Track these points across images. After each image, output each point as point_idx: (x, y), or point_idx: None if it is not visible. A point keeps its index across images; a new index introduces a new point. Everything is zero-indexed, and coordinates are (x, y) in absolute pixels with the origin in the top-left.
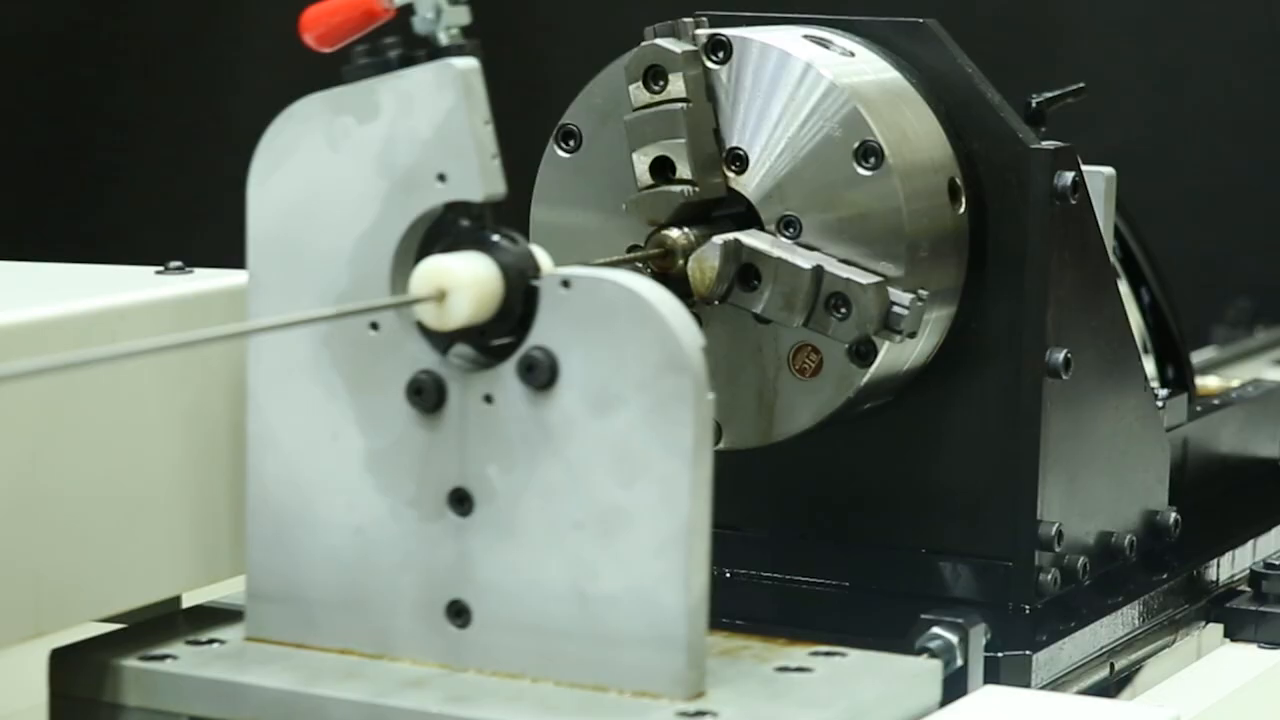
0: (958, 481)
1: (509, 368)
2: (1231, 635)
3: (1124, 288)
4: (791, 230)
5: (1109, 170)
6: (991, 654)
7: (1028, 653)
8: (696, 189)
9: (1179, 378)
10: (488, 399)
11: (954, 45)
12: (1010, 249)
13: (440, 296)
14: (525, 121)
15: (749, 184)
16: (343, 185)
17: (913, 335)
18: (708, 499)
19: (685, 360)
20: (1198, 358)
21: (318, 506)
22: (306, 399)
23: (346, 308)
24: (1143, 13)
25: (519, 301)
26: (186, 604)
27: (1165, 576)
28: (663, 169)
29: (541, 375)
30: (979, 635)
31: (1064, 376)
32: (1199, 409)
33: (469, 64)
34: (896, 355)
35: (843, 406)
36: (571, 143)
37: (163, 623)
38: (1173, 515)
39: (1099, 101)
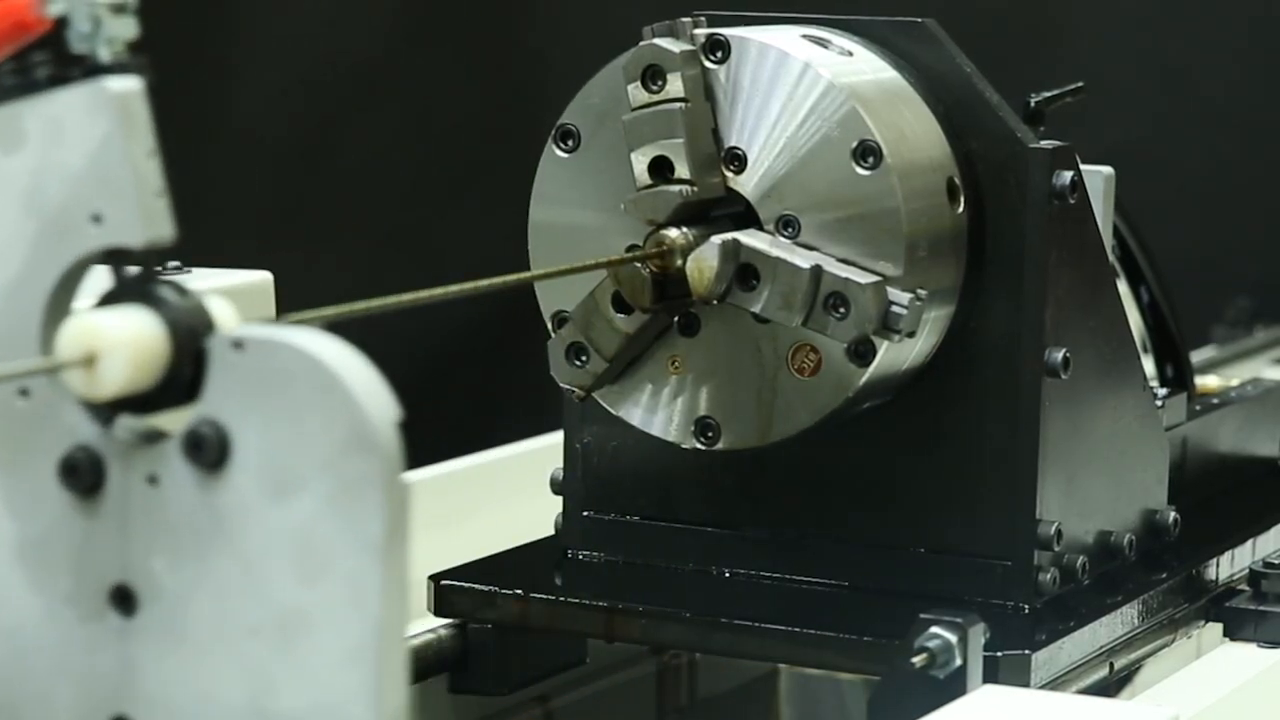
0: (956, 481)
1: (175, 444)
2: (1231, 634)
3: (1123, 287)
4: (790, 230)
5: (1108, 169)
6: (990, 653)
7: (1027, 652)
8: (695, 189)
9: (1178, 377)
10: (152, 480)
11: (952, 45)
12: (1009, 248)
13: (89, 360)
14: (524, 121)
15: (747, 184)
16: None
17: (911, 335)
18: (403, 600)
19: (373, 438)
20: (1197, 357)
21: None
22: None
23: None
24: (1142, 12)
25: (187, 366)
26: None
27: (1164, 576)
28: (661, 169)
29: (210, 453)
30: (978, 635)
31: (1063, 376)
32: (1198, 408)
33: (129, 85)
34: (895, 355)
35: (842, 406)
36: (570, 142)
37: None
38: (1172, 514)
39: (1098, 101)
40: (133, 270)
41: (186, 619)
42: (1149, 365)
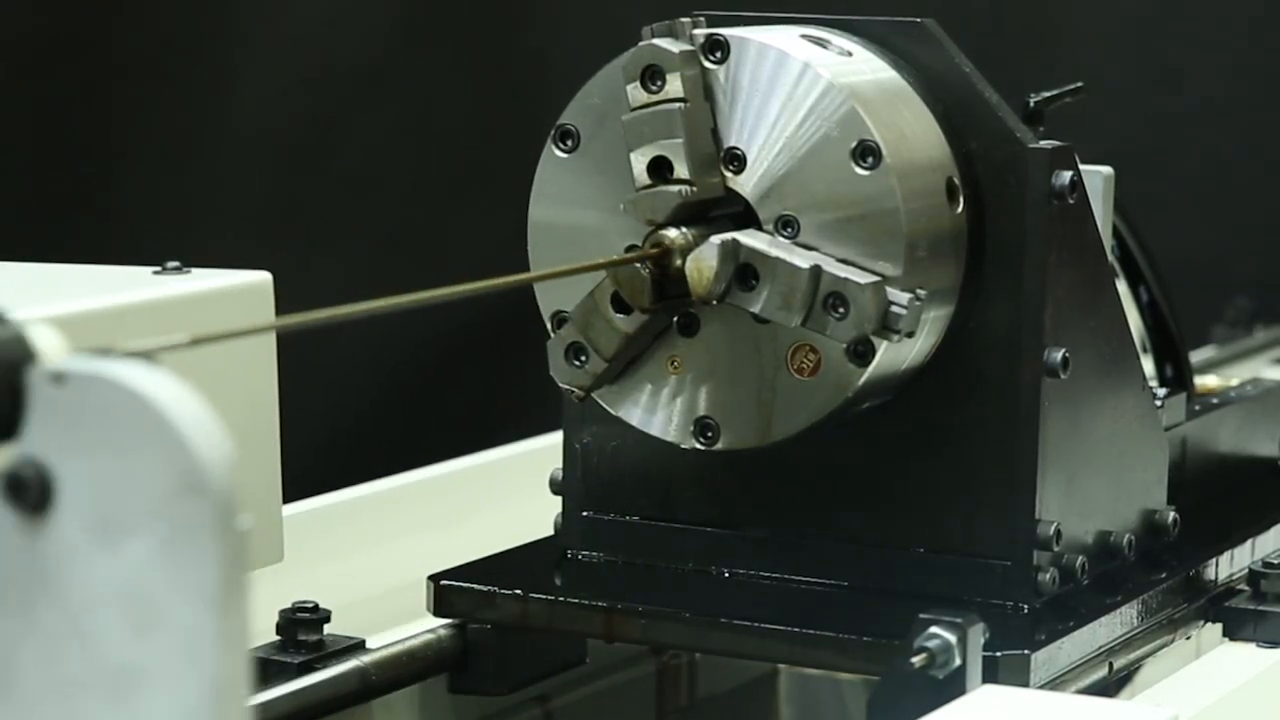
0: (956, 481)
1: None
2: (1230, 634)
3: (1122, 287)
4: (789, 230)
5: (1107, 169)
6: (990, 653)
7: (1026, 652)
8: (694, 189)
9: (1178, 377)
10: None
11: (952, 45)
12: (1008, 248)
13: None
14: (524, 121)
15: (747, 184)
16: None
17: (911, 335)
18: (242, 654)
19: (203, 482)
20: (1197, 357)
21: None
22: None
23: None
24: (1142, 12)
25: (5, 401)
26: None
27: (1164, 576)
28: (660, 169)
29: (32, 496)
30: (977, 635)
31: (1062, 376)
32: (1198, 408)
33: None
34: (895, 355)
35: (841, 406)
36: (569, 143)
37: None
38: (1171, 514)
39: (1098, 101)
40: None
41: (13, 673)
42: (1149, 365)
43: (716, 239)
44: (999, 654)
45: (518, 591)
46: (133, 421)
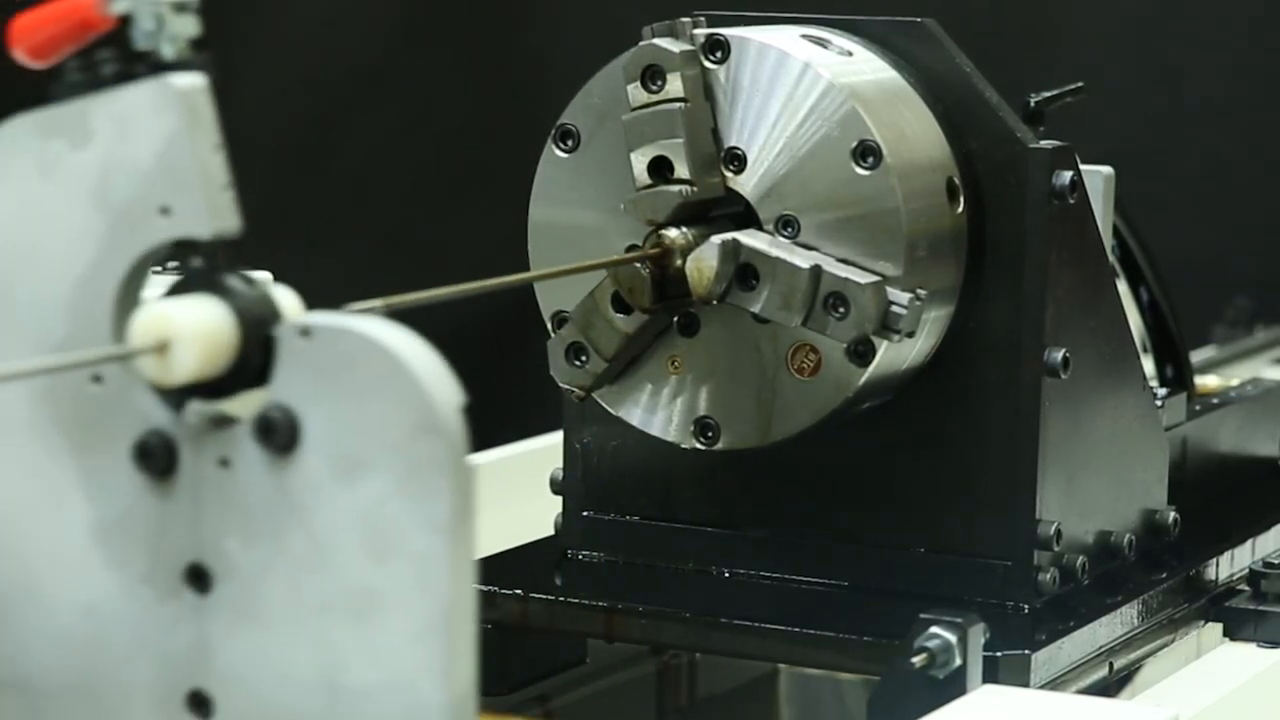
0: (956, 481)
1: (246, 429)
2: (1231, 634)
3: (1123, 287)
4: (790, 230)
5: (1108, 169)
6: (990, 653)
7: (1026, 652)
8: (695, 189)
9: (1178, 377)
10: (224, 463)
11: (952, 44)
12: (1009, 248)
13: (162, 348)
14: (524, 121)
15: (747, 183)
16: (57, 220)
17: (911, 335)
18: (470, 579)
19: (439, 422)
20: (1197, 357)
21: (43, 583)
22: (26, 462)
23: (55, 359)
24: (1142, 12)
25: (256, 353)
26: None
27: (1164, 576)
28: (661, 169)
29: (281, 437)
30: (978, 635)
31: (1062, 376)
32: (1198, 408)
33: (194, 82)
34: (895, 355)
35: (841, 406)
36: (570, 142)
37: None
38: (1172, 514)
39: (1098, 100)
40: (201, 261)
41: (260, 597)
42: (1149, 365)
43: (717, 239)
44: (999, 654)
45: (518, 591)
46: (374, 369)
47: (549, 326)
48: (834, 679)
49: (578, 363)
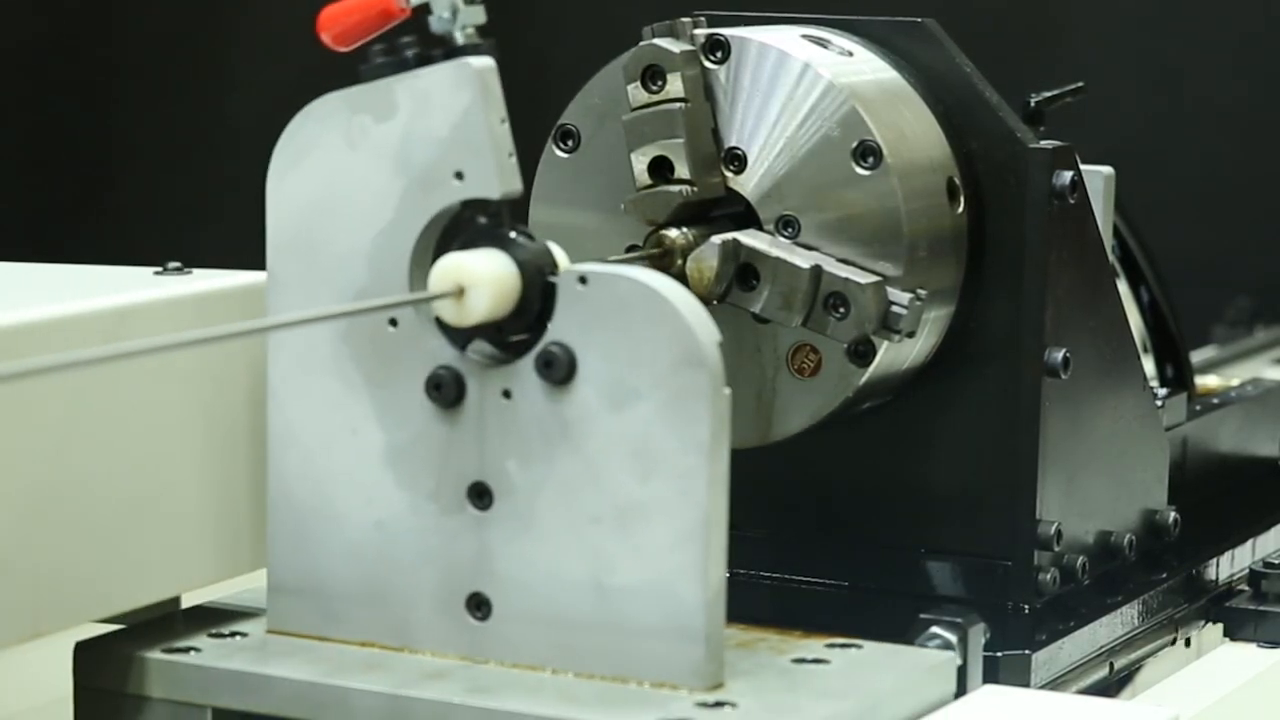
0: (957, 481)
1: (527, 363)
2: (1231, 635)
3: (1123, 287)
4: (790, 230)
5: (1108, 169)
6: (990, 653)
7: (1027, 652)
8: (695, 189)
9: (1178, 377)
10: (506, 394)
11: (952, 45)
12: (1009, 248)
13: (459, 293)
14: (525, 121)
15: (747, 184)
16: (361, 183)
17: (911, 335)
18: (724, 493)
19: (701, 355)
20: (1197, 357)
21: (338, 501)
22: (326, 395)
23: (366, 304)
24: (1142, 12)
25: (537, 298)
26: (206, 598)
27: (1164, 576)
28: (661, 169)
29: (559, 371)
30: (978, 635)
31: (1063, 376)
32: (1198, 408)
33: (485, 63)
34: (895, 355)
35: (841, 406)
36: (570, 143)
37: (183, 616)
38: (1172, 514)
39: (1098, 101)
40: (487, 219)
41: (535, 511)
42: (1149, 365)
43: (717, 239)
44: (1000, 654)
45: None
46: (644, 309)
47: None
48: None
49: None
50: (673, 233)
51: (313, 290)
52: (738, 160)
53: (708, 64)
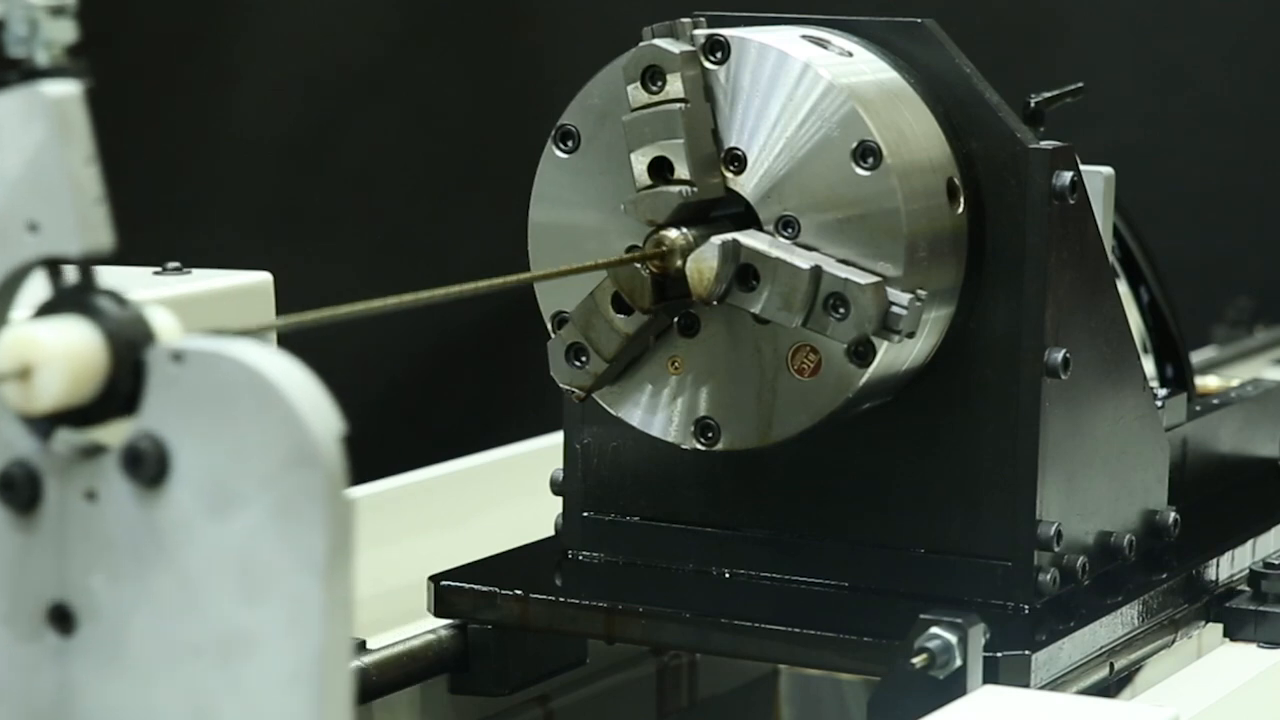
0: (957, 481)
1: (113, 459)
2: (1231, 635)
3: (1123, 287)
4: (790, 230)
5: (1108, 170)
6: (990, 654)
7: (1027, 653)
8: (695, 189)
9: (1178, 377)
10: (90, 496)
11: (952, 45)
12: (1009, 249)
13: (25, 372)
14: (524, 121)
15: (747, 184)
16: None
17: (911, 335)
18: (347, 620)
19: (315, 453)
20: (1197, 357)
21: None
22: None
23: None
24: (1142, 12)
25: (127, 378)
26: None
27: (1165, 576)
28: (661, 169)
29: (149, 469)
30: (978, 635)
31: (1063, 376)
32: (1198, 408)
33: (67, 90)
34: (895, 355)
35: (841, 406)
36: (570, 143)
37: None
38: (1172, 515)
39: (1098, 101)
40: (71, 280)
41: (126, 638)
42: (1149, 365)
43: (717, 239)
44: (1000, 654)
45: (518, 592)
46: (247, 396)
47: (549, 327)
48: (834, 679)
49: (578, 363)
50: (673, 233)
51: None
52: (737, 161)
53: (707, 64)
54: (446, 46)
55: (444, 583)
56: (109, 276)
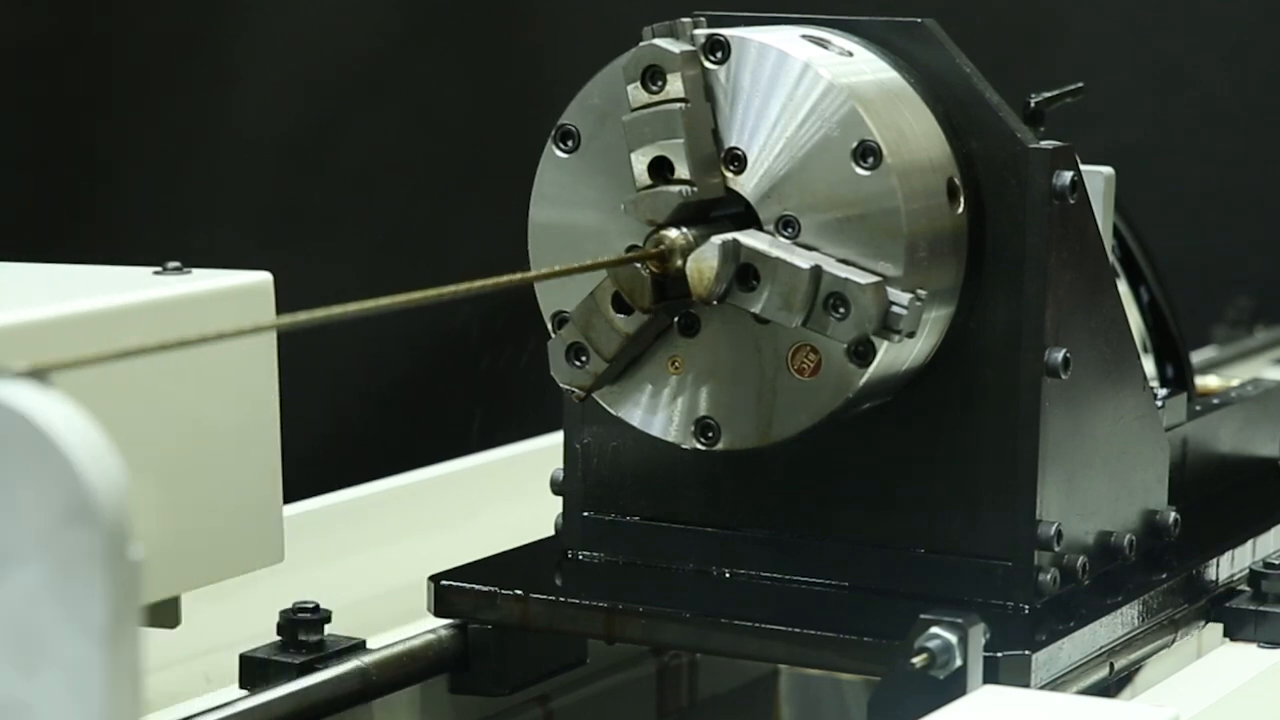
0: (957, 481)
1: None
2: (1231, 635)
3: (1123, 287)
4: (790, 230)
5: (1108, 170)
6: (990, 654)
7: (1027, 653)
8: (695, 189)
9: (1178, 377)
10: None
11: (952, 45)
12: (1009, 248)
13: None
14: (524, 121)
15: (747, 184)
16: None
17: (911, 335)
18: (134, 691)
19: (94, 509)
20: (1197, 357)
21: None
22: None
23: None
24: (1143, 12)
25: None
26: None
27: (1165, 576)
28: (661, 169)
29: None
30: (978, 635)
31: (1063, 376)
32: (1198, 408)
33: None
34: (895, 355)
35: (841, 406)
36: (570, 143)
37: None
38: (1172, 515)
39: (1098, 101)
40: None
41: None
42: (1149, 365)
43: (717, 239)
44: (1000, 654)
45: (518, 592)
46: (22, 446)
47: (549, 327)
48: (834, 679)
49: (578, 363)
50: (673, 233)
51: None
52: (738, 160)
53: (708, 64)
54: (446, 46)
55: (444, 583)
56: (109, 276)
